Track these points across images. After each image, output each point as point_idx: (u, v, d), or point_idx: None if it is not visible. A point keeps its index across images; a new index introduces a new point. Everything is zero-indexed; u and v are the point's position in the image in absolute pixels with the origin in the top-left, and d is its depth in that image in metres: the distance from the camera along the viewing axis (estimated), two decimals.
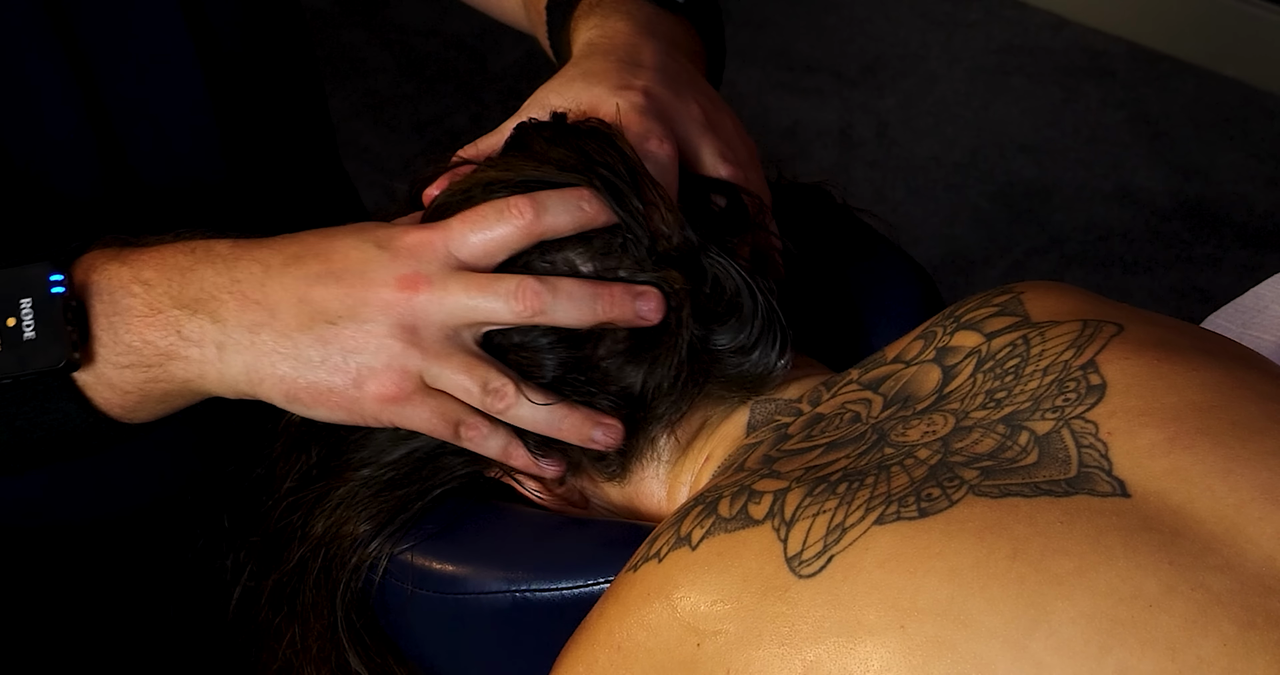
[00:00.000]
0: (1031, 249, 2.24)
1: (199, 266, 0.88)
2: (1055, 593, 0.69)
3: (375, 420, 0.87)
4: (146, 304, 0.87)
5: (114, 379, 0.88)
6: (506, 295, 0.85)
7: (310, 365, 0.85)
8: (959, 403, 0.81)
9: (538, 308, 0.85)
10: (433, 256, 0.85)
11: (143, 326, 0.87)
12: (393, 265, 0.85)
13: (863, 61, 2.50)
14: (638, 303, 0.86)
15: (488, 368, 0.86)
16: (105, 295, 0.88)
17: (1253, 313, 1.17)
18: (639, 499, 0.91)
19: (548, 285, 0.85)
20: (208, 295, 0.87)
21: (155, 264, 0.88)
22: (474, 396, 0.86)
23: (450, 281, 0.85)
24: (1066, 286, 0.88)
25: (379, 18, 2.55)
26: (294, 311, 0.85)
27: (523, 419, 0.87)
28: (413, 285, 0.85)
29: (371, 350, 0.85)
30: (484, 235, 0.86)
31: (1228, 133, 2.38)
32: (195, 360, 0.87)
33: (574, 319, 0.85)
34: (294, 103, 1.22)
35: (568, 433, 0.87)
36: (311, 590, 0.91)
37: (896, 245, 1.08)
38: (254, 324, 0.86)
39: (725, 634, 0.74)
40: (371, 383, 0.85)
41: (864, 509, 0.75)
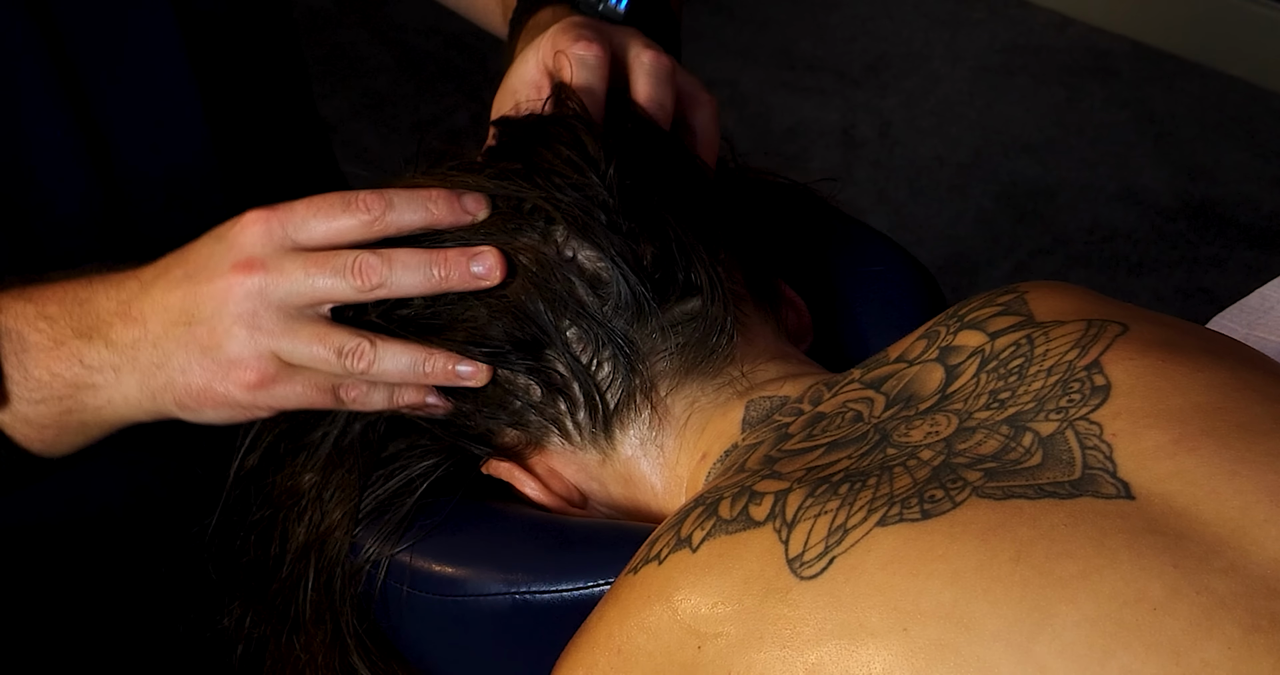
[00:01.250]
0: (1035, 249, 2.24)
1: (95, 295, 0.90)
2: (1059, 596, 0.69)
3: (256, 408, 0.88)
4: (51, 338, 0.90)
5: (30, 414, 0.91)
6: (344, 270, 0.86)
7: (180, 369, 0.88)
8: (962, 403, 0.81)
9: (377, 281, 0.86)
10: (268, 240, 0.86)
11: (49, 360, 0.89)
12: (229, 254, 0.86)
13: (865, 61, 2.50)
14: (472, 263, 0.87)
15: (339, 332, 0.87)
16: (13, 334, 0.90)
17: (1258, 313, 1.16)
18: (635, 489, 0.91)
19: (383, 257, 0.86)
20: (101, 321, 0.89)
21: (57, 299, 0.90)
22: (333, 363, 0.87)
23: (285, 262, 0.86)
24: (1071, 286, 0.88)
25: (378, 17, 2.56)
26: (159, 320, 0.88)
27: (388, 373, 0.88)
28: (247, 268, 0.86)
29: (223, 343, 0.86)
30: (326, 224, 0.87)
31: (1233, 132, 2.38)
32: (101, 387, 0.89)
33: (414, 287, 0.87)
34: (286, 105, 1.22)
35: (435, 375, 0.88)
36: (306, 596, 0.91)
37: (899, 246, 1.08)
38: (134, 341, 0.88)
39: (726, 636, 0.73)
40: (234, 373, 0.87)
41: (866, 510, 0.74)
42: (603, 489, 0.92)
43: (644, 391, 0.89)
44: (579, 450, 0.91)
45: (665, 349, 0.90)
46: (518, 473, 0.92)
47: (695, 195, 0.93)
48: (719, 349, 0.90)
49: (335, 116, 2.37)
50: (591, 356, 0.89)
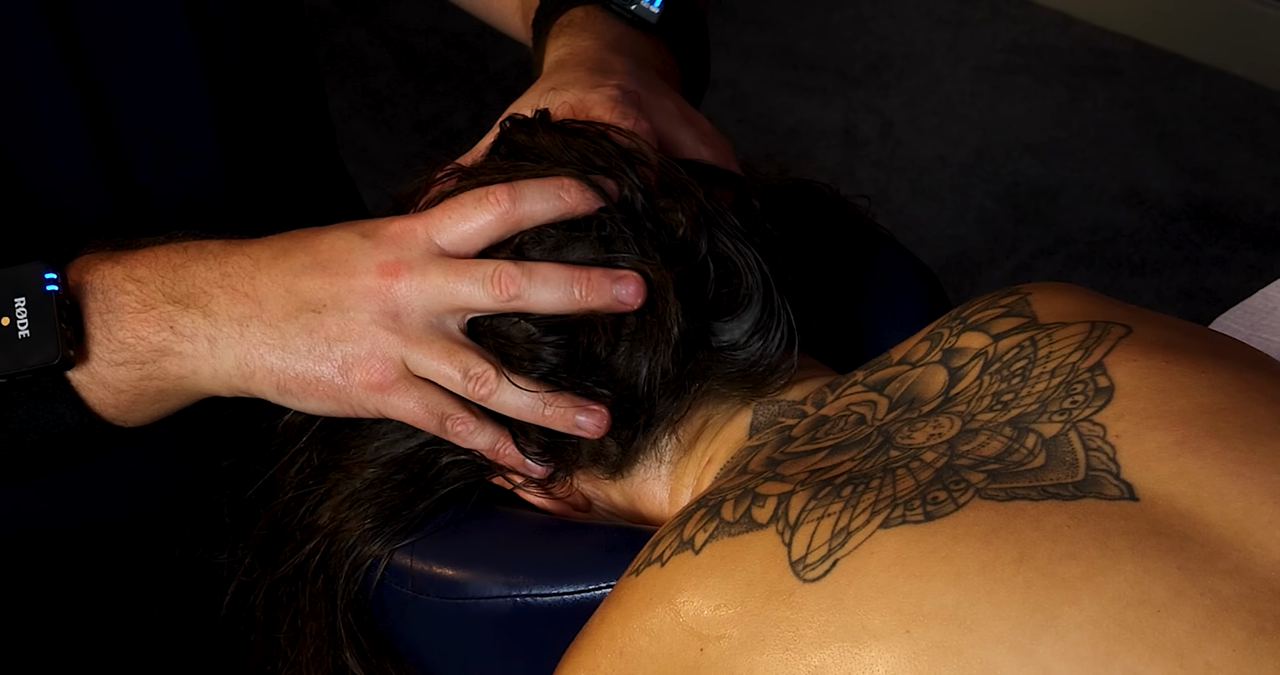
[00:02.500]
0: (1038, 250, 2.24)
1: (191, 263, 0.88)
2: (1062, 598, 0.69)
3: (364, 409, 0.87)
4: (140, 300, 0.88)
5: (108, 377, 0.89)
6: (484, 279, 0.85)
7: (297, 355, 0.86)
8: (965, 405, 0.81)
9: (514, 292, 0.85)
10: (413, 243, 0.86)
11: (136, 323, 0.88)
12: (375, 253, 0.86)
13: (867, 60, 2.50)
14: (615, 287, 0.86)
15: (469, 353, 0.86)
16: (99, 293, 0.89)
17: (1262, 314, 1.16)
18: (640, 501, 0.91)
19: (524, 270, 0.85)
20: (199, 290, 0.88)
21: (148, 262, 0.89)
22: (455, 383, 0.86)
23: (430, 267, 0.86)
24: (1074, 287, 0.88)
25: (378, 16, 2.56)
26: (281, 302, 0.86)
27: (506, 406, 0.87)
28: (394, 271, 0.86)
29: (355, 338, 0.86)
30: (463, 224, 0.86)
31: (1236, 132, 2.38)
32: (189, 355, 0.88)
33: (552, 304, 0.86)
34: (295, 103, 1.22)
35: (553, 419, 0.87)
36: (311, 587, 0.91)
37: (902, 246, 1.07)
38: (243, 317, 0.87)
39: (729, 639, 0.73)
40: (357, 370, 0.86)
41: (869, 512, 0.74)
42: (606, 496, 0.92)
43: (674, 415, 0.89)
44: (592, 465, 0.91)
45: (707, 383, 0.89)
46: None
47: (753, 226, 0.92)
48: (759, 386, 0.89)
49: (335, 116, 2.36)
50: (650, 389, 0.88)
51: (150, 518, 1.15)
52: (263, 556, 0.92)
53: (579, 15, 1.05)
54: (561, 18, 1.06)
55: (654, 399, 0.88)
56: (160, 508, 1.15)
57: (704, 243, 0.87)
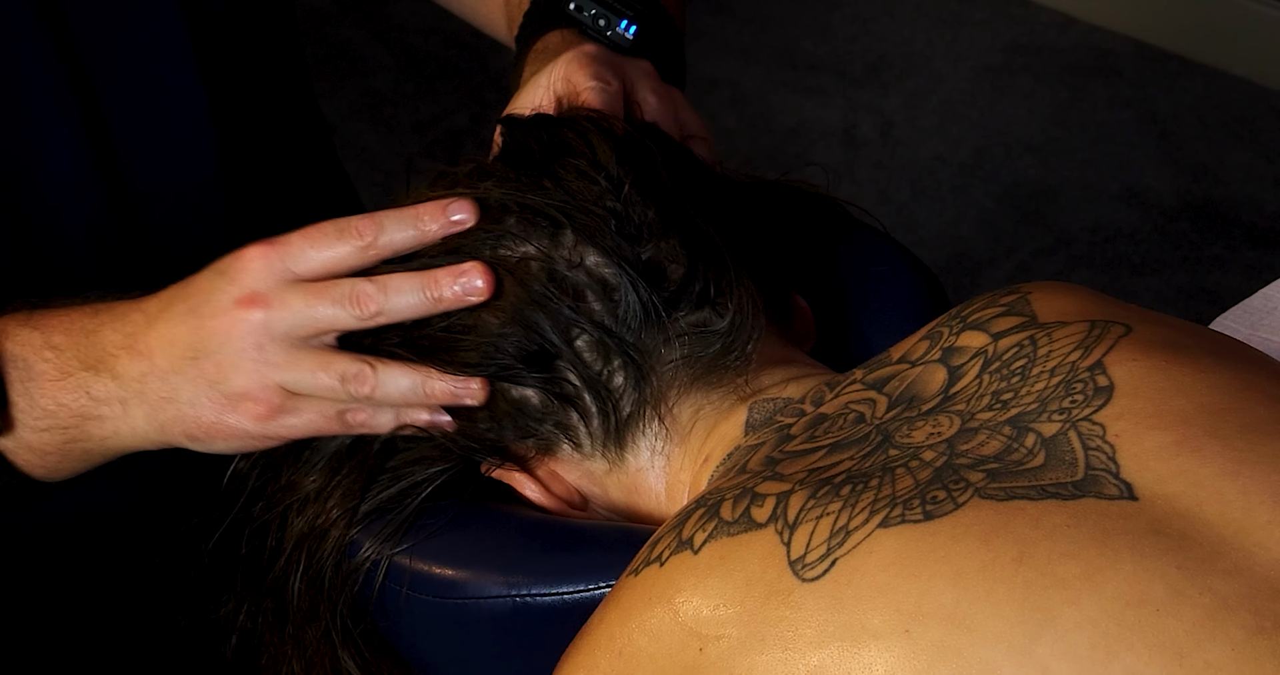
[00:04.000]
0: (1038, 250, 2.24)
1: (101, 327, 0.91)
2: (1061, 597, 0.69)
3: (266, 439, 0.90)
4: (58, 369, 0.91)
5: (34, 442, 0.92)
6: (343, 300, 0.87)
7: (189, 403, 0.89)
8: (965, 404, 0.81)
9: (375, 309, 0.88)
10: (268, 273, 0.88)
11: (56, 390, 0.91)
12: (230, 289, 0.88)
13: (867, 60, 2.50)
14: (460, 281, 0.87)
15: (341, 359, 0.88)
16: (20, 362, 0.91)
17: (1261, 314, 1.16)
18: (637, 494, 0.91)
19: (378, 285, 0.88)
20: (107, 354, 0.90)
21: (64, 328, 0.92)
22: (337, 390, 0.88)
23: (287, 295, 0.88)
24: (1074, 287, 0.88)
25: (378, 16, 2.56)
26: (166, 355, 0.89)
27: (391, 397, 0.89)
28: (250, 304, 0.87)
29: (230, 375, 0.88)
30: (322, 253, 0.88)
31: (1236, 132, 2.38)
32: (108, 418, 0.91)
33: (410, 310, 0.88)
34: (289, 103, 1.22)
35: (436, 395, 0.89)
36: (301, 595, 0.91)
37: (902, 246, 1.07)
38: (141, 375, 0.90)
39: (728, 639, 0.73)
40: (244, 405, 0.88)
41: (868, 511, 0.74)
42: (604, 494, 0.92)
43: (654, 402, 0.89)
44: (586, 458, 0.91)
45: (674, 359, 0.89)
46: (518, 474, 0.92)
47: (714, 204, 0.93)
48: (734, 365, 0.90)
49: (335, 116, 2.37)
50: (602, 367, 0.89)
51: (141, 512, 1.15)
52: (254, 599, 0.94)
53: (555, 40, 1.06)
54: (538, 42, 1.07)
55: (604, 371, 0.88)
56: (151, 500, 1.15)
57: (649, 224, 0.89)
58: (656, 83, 1.00)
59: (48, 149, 1.06)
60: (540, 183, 0.89)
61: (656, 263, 0.89)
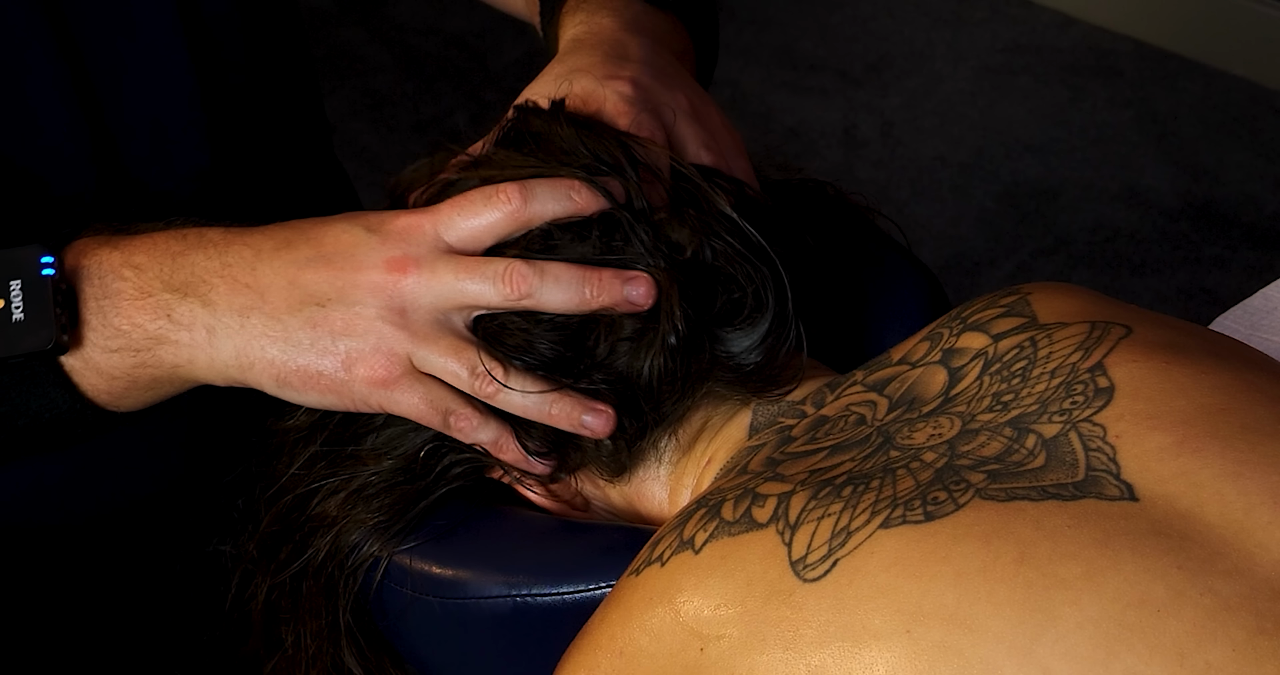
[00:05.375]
0: (1038, 250, 2.24)
1: (190, 251, 0.88)
2: (1062, 598, 0.69)
3: (365, 404, 0.87)
4: (137, 287, 0.87)
5: (102, 364, 0.88)
6: (494, 277, 0.85)
7: (300, 348, 0.86)
8: (965, 405, 0.81)
9: (525, 291, 0.85)
10: (421, 239, 0.86)
11: (132, 310, 0.87)
12: (382, 248, 0.85)
13: (867, 60, 2.50)
14: (627, 287, 0.85)
15: (476, 351, 0.86)
16: (95, 279, 0.88)
17: (1261, 314, 1.16)
18: (640, 501, 0.91)
19: (536, 268, 0.85)
20: (198, 279, 0.87)
21: (147, 249, 0.88)
22: (462, 380, 0.86)
23: (439, 264, 0.85)
24: (1075, 288, 0.88)
25: (378, 16, 2.56)
26: (284, 295, 0.86)
27: (512, 404, 0.86)
28: (401, 267, 0.85)
29: (360, 333, 0.85)
30: (472, 220, 0.86)
31: (1236, 132, 2.38)
32: (185, 344, 0.87)
33: (562, 303, 0.85)
34: (290, 102, 1.22)
35: (558, 418, 0.87)
36: (314, 584, 0.90)
37: (902, 246, 1.07)
38: (244, 307, 0.86)
39: (729, 639, 0.73)
40: (360, 366, 0.85)
41: (869, 512, 0.74)
42: (606, 496, 0.92)
43: (673, 418, 0.89)
44: (596, 469, 0.91)
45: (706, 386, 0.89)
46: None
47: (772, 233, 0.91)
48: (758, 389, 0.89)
49: (335, 116, 2.37)
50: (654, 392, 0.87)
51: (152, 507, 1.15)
52: (266, 550, 0.92)
53: None
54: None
55: (659, 401, 0.87)
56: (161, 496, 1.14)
57: (708, 251, 0.87)
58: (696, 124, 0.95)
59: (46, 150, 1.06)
60: None
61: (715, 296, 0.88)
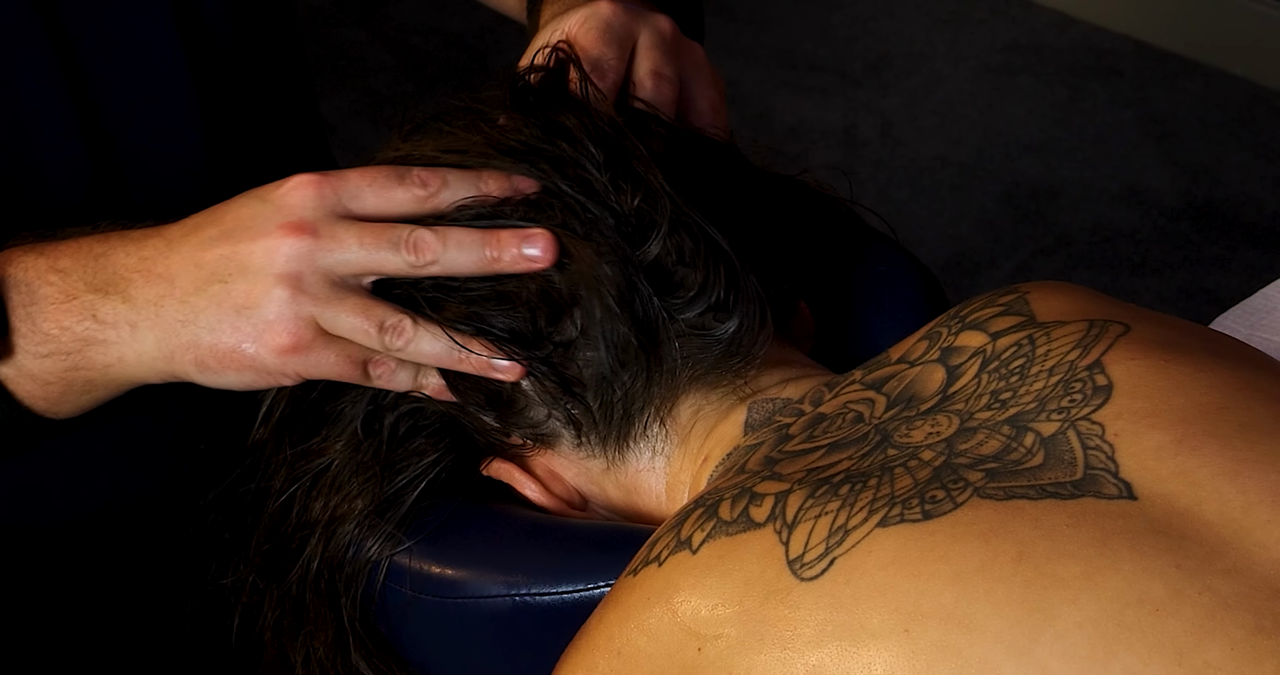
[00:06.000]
0: (1038, 250, 2.24)
1: (112, 251, 0.88)
2: (1061, 597, 0.68)
3: (283, 375, 0.87)
4: (62, 291, 0.88)
5: (34, 370, 0.89)
6: (399, 243, 0.85)
7: (210, 328, 0.86)
8: (963, 403, 0.80)
9: (430, 258, 0.85)
10: (320, 204, 0.85)
11: (59, 313, 0.88)
12: (276, 215, 0.85)
13: (867, 60, 2.50)
14: (524, 245, 0.86)
15: (382, 306, 0.86)
16: (22, 286, 0.89)
17: (1261, 314, 1.16)
18: (637, 494, 0.91)
19: (439, 235, 0.85)
20: (119, 277, 0.87)
21: (71, 253, 0.89)
22: (372, 337, 0.86)
23: (338, 229, 0.85)
24: (1073, 286, 0.88)
25: (378, 16, 2.55)
26: (190, 277, 0.86)
27: (424, 354, 0.87)
28: (298, 231, 0.85)
29: (262, 303, 0.85)
30: (379, 194, 0.86)
31: (1236, 132, 2.38)
32: (113, 343, 0.88)
33: (466, 266, 0.86)
34: (285, 101, 1.22)
35: (469, 362, 0.87)
36: (315, 590, 0.90)
37: (901, 246, 1.07)
38: (157, 297, 0.86)
39: (726, 638, 0.73)
40: (268, 336, 0.85)
41: (867, 511, 0.74)
42: (603, 493, 0.92)
43: (657, 402, 0.89)
44: (586, 458, 0.91)
45: (677, 360, 0.89)
46: (518, 474, 0.91)
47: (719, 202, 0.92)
48: (736, 367, 0.89)
49: (335, 116, 2.37)
50: (615, 362, 0.88)
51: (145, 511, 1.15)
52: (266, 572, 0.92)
53: None
54: None
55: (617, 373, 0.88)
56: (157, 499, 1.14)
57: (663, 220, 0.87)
58: (665, 53, 0.97)
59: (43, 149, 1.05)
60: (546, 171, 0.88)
61: (662, 263, 0.88)
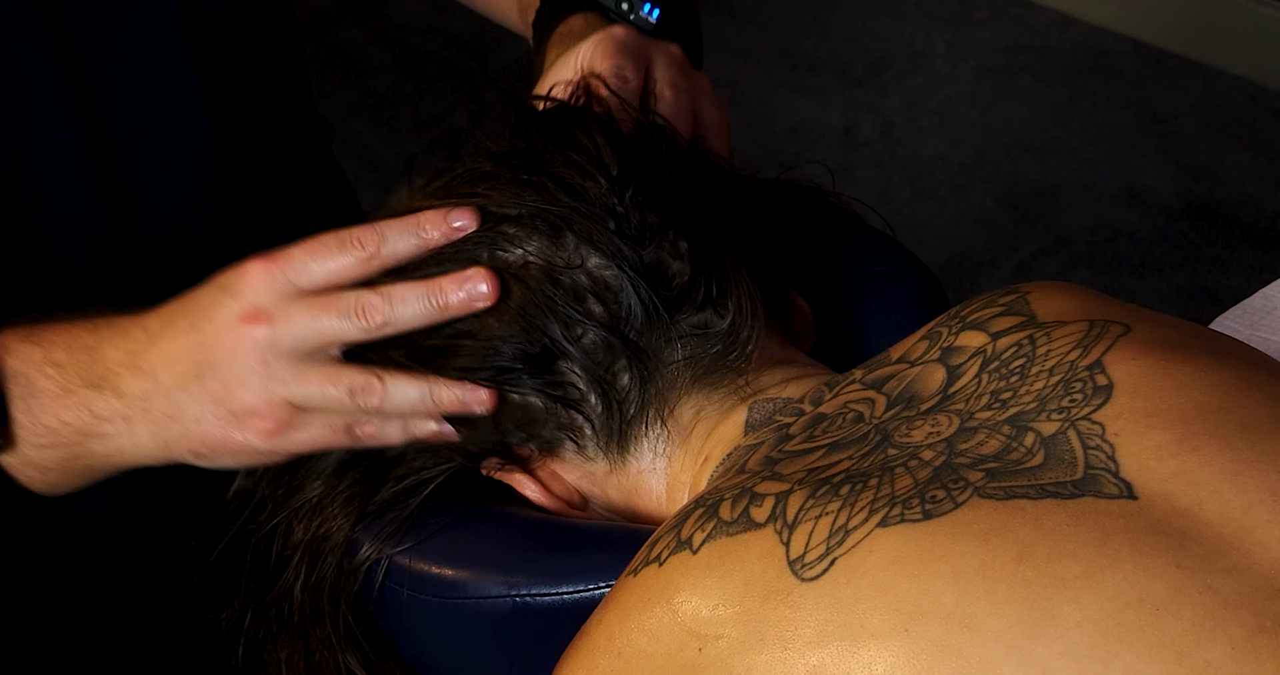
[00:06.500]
0: (1038, 250, 2.24)
1: (102, 344, 0.91)
2: (1061, 596, 0.68)
3: (274, 454, 0.90)
4: (60, 385, 0.90)
5: (36, 459, 0.92)
6: (349, 312, 0.87)
7: (196, 421, 0.89)
8: (964, 403, 0.80)
9: (381, 320, 0.87)
10: (271, 287, 0.87)
11: (58, 407, 0.90)
12: (233, 304, 0.88)
13: (867, 60, 2.50)
14: (465, 287, 0.87)
15: (348, 371, 0.88)
16: (20, 378, 0.91)
17: (1261, 314, 1.16)
18: (638, 496, 0.91)
19: (383, 295, 0.87)
20: (110, 372, 0.90)
21: (64, 345, 0.91)
22: (345, 403, 0.88)
23: (291, 309, 0.87)
24: (1074, 286, 0.88)
25: (378, 16, 2.56)
26: (169, 372, 0.89)
27: (399, 407, 0.88)
28: (254, 319, 0.87)
29: (236, 392, 0.87)
30: (324, 265, 0.88)
31: (1236, 132, 2.38)
32: (111, 436, 0.90)
33: (416, 318, 0.87)
34: (285, 103, 1.22)
35: (445, 404, 0.88)
36: (303, 601, 0.91)
37: (902, 246, 1.07)
38: (145, 392, 0.89)
39: (727, 638, 0.73)
40: (251, 421, 0.88)
41: (867, 511, 0.74)
42: (604, 494, 0.92)
43: (657, 403, 0.89)
44: (587, 460, 0.91)
45: (676, 360, 0.89)
46: (518, 474, 0.92)
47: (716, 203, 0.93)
48: (734, 365, 0.90)
49: (335, 116, 2.37)
50: (607, 368, 0.88)
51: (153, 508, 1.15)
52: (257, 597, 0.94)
53: (578, 24, 1.06)
54: (561, 26, 1.06)
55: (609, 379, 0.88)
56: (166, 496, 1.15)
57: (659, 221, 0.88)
58: (679, 72, 0.99)
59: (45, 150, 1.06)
60: (541, 183, 0.89)
61: (657, 263, 0.89)
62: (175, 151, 1.11)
